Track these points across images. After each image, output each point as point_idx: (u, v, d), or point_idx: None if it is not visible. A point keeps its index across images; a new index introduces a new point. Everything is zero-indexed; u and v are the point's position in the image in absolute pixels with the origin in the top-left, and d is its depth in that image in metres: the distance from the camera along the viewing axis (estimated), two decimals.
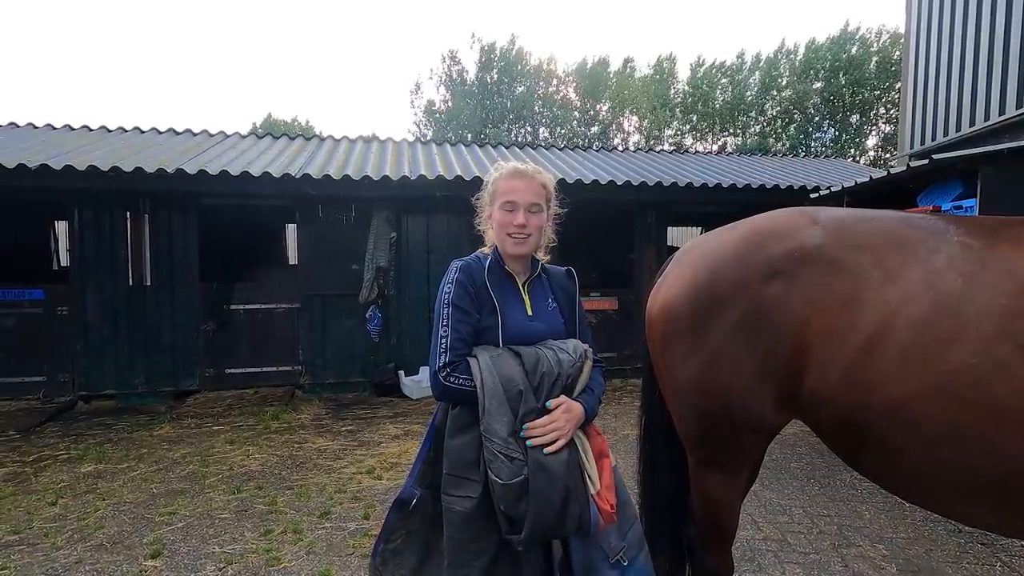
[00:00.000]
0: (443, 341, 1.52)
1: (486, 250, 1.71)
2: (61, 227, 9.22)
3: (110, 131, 8.61)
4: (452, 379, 1.49)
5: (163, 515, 3.59)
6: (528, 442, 1.45)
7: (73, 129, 8.52)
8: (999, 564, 2.96)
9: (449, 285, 1.58)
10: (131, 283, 6.33)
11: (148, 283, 6.37)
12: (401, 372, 6.83)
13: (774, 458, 4.55)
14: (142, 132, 8.78)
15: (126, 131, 8.73)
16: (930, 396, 1.37)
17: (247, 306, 6.82)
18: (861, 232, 1.59)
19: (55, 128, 8.53)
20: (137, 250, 6.32)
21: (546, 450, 1.44)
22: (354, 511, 3.64)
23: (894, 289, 1.47)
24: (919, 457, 1.42)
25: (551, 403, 1.50)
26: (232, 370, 6.78)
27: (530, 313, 1.63)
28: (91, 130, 8.54)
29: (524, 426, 1.46)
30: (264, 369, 6.85)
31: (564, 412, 1.49)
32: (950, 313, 1.39)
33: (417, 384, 6.67)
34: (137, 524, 3.47)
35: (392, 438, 5.16)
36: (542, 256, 1.74)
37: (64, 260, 9.15)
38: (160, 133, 8.83)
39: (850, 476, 4.20)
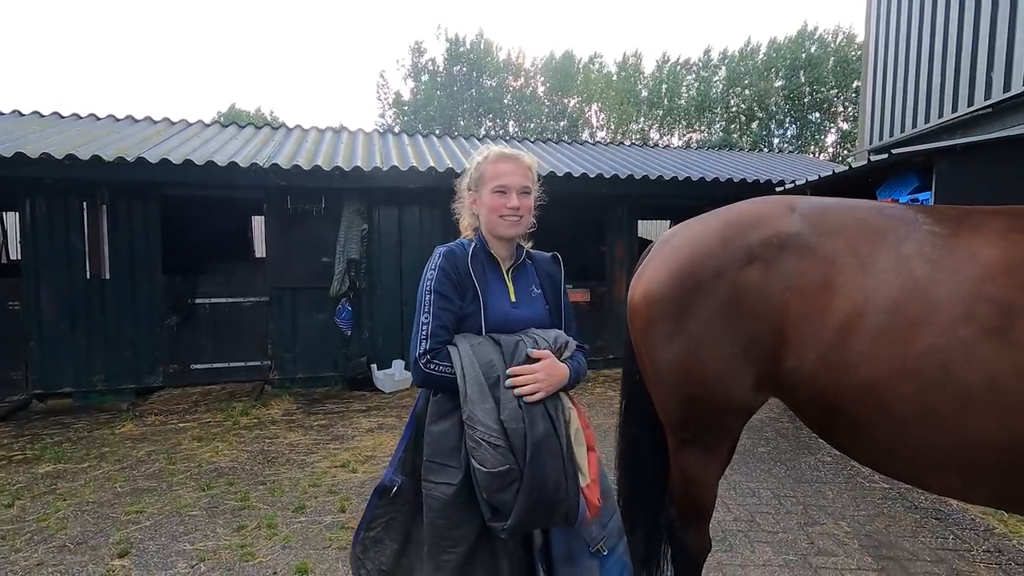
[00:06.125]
0: (424, 328, 1.52)
1: (469, 234, 1.71)
2: (11, 218, 8.78)
3: (63, 117, 8.20)
4: (432, 366, 1.48)
5: (129, 514, 3.48)
6: (509, 385, 1.45)
7: (23, 115, 8.09)
8: (952, 537, 3.14)
9: (432, 271, 1.57)
10: (88, 276, 6.08)
11: (107, 276, 6.13)
12: (373, 366, 6.76)
13: (743, 443, 4.68)
14: (98, 119, 8.40)
15: (81, 118, 8.33)
16: (901, 377, 1.44)
17: (213, 300, 6.64)
18: (836, 220, 1.66)
19: (3, 114, 8.07)
20: (95, 242, 6.07)
21: (526, 400, 1.45)
22: (330, 504, 3.60)
23: (866, 274, 1.53)
24: (891, 434, 1.49)
25: (534, 353, 1.51)
26: (198, 366, 6.60)
27: (513, 299, 1.64)
28: (42, 116, 8.12)
29: (508, 371, 1.46)
30: (231, 364, 6.69)
31: (548, 365, 1.50)
32: (918, 297, 1.46)
33: (390, 378, 6.61)
34: (102, 524, 3.35)
35: (366, 431, 5.11)
36: (524, 242, 1.74)
37: (15, 253, 8.72)
38: (118, 120, 8.45)
39: (814, 459, 4.37)
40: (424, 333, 1.51)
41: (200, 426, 5.26)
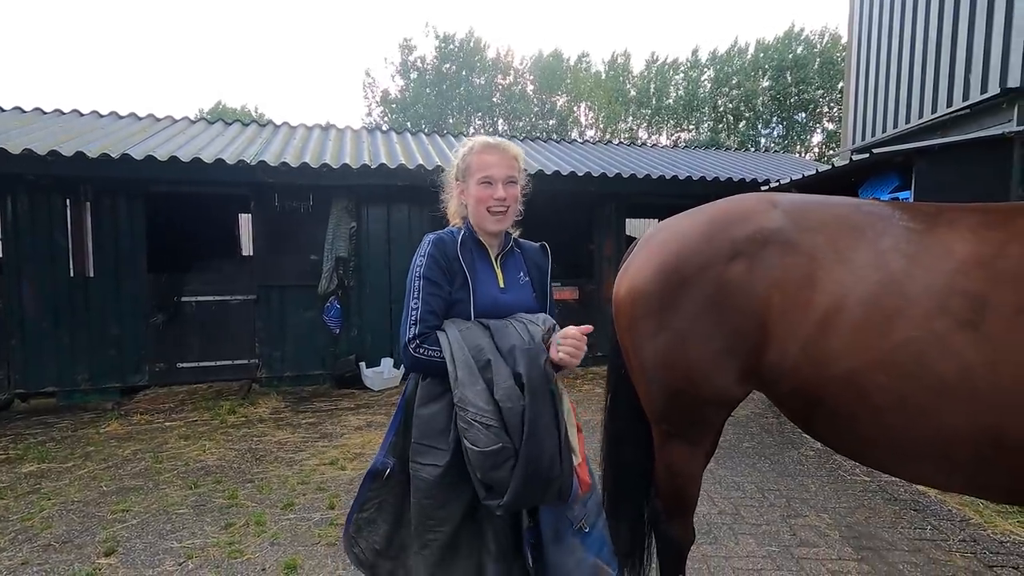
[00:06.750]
0: (413, 313, 1.54)
1: (458, 222, 1.73)
2: None
3: (46, 113, 8.08)
4: (422, 351, 1.51)
5: (115, 513, 3.45)
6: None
7: (4, 110, 7.96)
8: (929, 528, 3.21)
9: (421, 258, 1.59)
10: (72, 274, 6.01)
11: (91, 274, 6.07)
12: (362, 364, 6.75)
13: (727, 438, 4.75)
14: (81, 115, 8.29)
15: (64, 113, 8.22)
16: (878, 368, 1.48)
17: (199, 298, 6.59)
18: (817, 216, 1.70)
19: None
20: (79, 239, 6.00)
21: (563, 358, 1.50)
22: (318, 501, 3.60)
23: (846, 269, 1.57)
24: (870, 424, 1.53)
25: (583, 328, 1.55)
26: (184, 364, 6.55)
27: (502, 286, 1.67)
28: (24, 112, 8.00)
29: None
30: (218, 363, 6.64)
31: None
32: (895, 291, 1.50)
33: (379, 375, 6.61)
34: (88, 523, 3.33)
35: (355, 429, 5.11)
36: (512, 230, 1.76)
37: None
38: (102, 116, 8.35)
39: (797, 453, 4.44)
40: (413, 318, 1.54)
41: (187, 425, 5.23)
